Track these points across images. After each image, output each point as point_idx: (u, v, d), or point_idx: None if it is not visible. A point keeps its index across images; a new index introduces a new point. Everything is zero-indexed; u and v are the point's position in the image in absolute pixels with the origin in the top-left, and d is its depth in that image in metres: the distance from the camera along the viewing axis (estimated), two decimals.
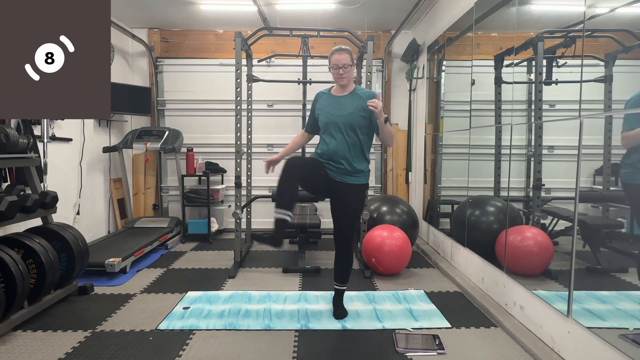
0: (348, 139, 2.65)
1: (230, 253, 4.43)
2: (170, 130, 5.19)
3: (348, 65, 2.65)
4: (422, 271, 3.89)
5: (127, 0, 4.54)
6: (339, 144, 2.66)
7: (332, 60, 2.68)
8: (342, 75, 2.66)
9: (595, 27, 2.05)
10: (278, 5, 4.61)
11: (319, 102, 2.81)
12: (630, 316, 1.90)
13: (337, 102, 2.72)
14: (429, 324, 2.73)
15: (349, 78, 2.70)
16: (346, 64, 2.64)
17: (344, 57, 2.64)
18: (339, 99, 2.74)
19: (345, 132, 2.65)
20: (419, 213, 4.92)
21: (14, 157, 2.89)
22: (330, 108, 2.72)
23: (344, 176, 2.68)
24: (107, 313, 2.87)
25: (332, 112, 2.70)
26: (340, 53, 2.65)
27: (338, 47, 2.69)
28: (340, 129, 2.66)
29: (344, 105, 2.70)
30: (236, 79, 3.81)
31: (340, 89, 2.75)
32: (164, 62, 5.61)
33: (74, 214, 4.21)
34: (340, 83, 2.71)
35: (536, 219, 2.59)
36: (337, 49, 2.69)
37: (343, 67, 2.64)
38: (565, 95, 2.29)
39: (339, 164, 2.67)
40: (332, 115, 2.69)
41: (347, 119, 2.65)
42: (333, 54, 2.68)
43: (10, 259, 2.46)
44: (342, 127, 2.66)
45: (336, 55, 2.66)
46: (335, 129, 2.67)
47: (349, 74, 2.68)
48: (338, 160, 2.67)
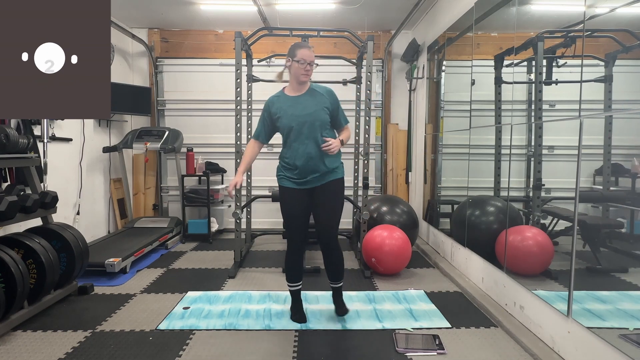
0: (317, 139, 2.57)
1: (230, 253, 4.43)
2: (170, 130, 5.19)
3: (313, 63, 2.59)
4: (422, 271, 3.89)
5: (127, 0, 4.54)
6: (309, 148, 2.56)
7: (299, 54, 2.57)
8: (308, 71, 2.58)
9: (595, 27, 2.05)
10: (278, 5, 4.61)
11: (274, 106, 2.66)
12: (630, 316, 1.90)
13: (297, 103, 2.63)
14: (429, 324, 2.73)
15: (309, 76, 2.62)
16: (312, 61, 2.58)
17: (312, 54, 2.58)
18: (297, 99, 2.64)
19: (312, 132, 2.57)
20: (419, 213, 4.92)
21: (14, 157, 2.89)
22: (291, 110, 2.60)
23: (323, 177, 2.63)
24: (107, 313, 2.87)
25: (295, 114, 2.59)
26: (309, 49, 2.58)
27: (305, 43, 2.63)
28: (307, 130, 2.57)
29: (305, 104, 2.61)
30: (236, 79, 3.81)
31: (297, 88, 2.66)
32: (164, 62, 5.62)
33: (74, 214, 4.21)
34: (302, 79, 2.60)
35: (536, 219, 2.59)
36: (304, 44, 2.62)
37: (310, 63, 2.57)
38: (565, 95, 2.29)
39: (315, 171, 2.60)
40: (295, 117, 2.58)
41: (312, 117, 2.57)
42: (301, 48, 2.58)
43: (10, 259, 2.46)
44: (309, 127, 2.57)
45: (306, 51, 2.57)
46: (302, 132, 2.57)
47: (311, 72, 2.62)
48: (315, 166, 2.59)
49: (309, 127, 2.57)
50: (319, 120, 2.59)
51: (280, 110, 2.62)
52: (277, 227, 5.29)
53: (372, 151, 5.64)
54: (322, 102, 2.62)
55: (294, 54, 2.58)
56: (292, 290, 2.82)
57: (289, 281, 2.80)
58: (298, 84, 2.64)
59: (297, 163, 2.59)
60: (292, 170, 2.63)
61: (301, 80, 2.61)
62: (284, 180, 2.68)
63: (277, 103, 2.67)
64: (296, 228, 2.71)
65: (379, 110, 5.72)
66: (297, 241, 2.75)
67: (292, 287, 2.81)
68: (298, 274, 2.79)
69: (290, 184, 2.65)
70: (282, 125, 2.62)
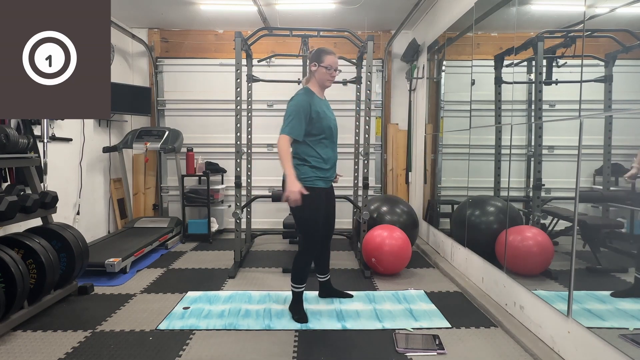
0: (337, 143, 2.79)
1: (230, 253, 4.43)
2: (170, 130, 5.19)
3: (338, 69, 2.70)
4: (422, 271, 3.89)
5: (127, 0, 4.54)
6: (336, 150, 2.77)
7: (328, 59, 2.63)
8: (334, 77, 2.66)
9: (595, 27, 2.05)
10: (278, 5, 4.61)
11: (315, 105, 2.61)
12: (630, 316, 1.90)
13: (328, 107, 2.76)
14: (429, 324, 2.73)
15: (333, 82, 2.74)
16: (337, 67, 2.67)
17: (337, 60, 2.67)
18: (326, 103, 2.77)
19: (337, 136, 2.79)
20: (419, 213, 4.92)
21: (14, 157, 2.89)
22: (328, 112, 2.73)
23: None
24: (107, 313, 2.87)
25: (331, 117, 2.72)
26: (335, 56, 2.67)
27: (330, 49, 2.68)
28: (336, 133, 2.77)
29: (330, 109, 2.79)
30: (236, 79, 3.81)
31: (321, 92, 2.73)
32: (164, 62, 5.62)
33: (74, 214, 4.21)
34: (327, 85, 2.70)
35: (536, 219, 2.59)
36: (330, 50, 2.66)
37: (336, 69, 2.66)
38: (565, 95, 2.29)
39: (334, 171, 2.79)
40: (332, 120, 2.72)
41: (336, 122, 2.79)
42: (329, 54, 2.64)
43: (10, 259, 2.46)
44: (337, 131, 2.78)
45: (333, 57, 2.64)
46: (335, 134, 2.75)
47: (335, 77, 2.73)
48: (334, 167, 2.79)
49: (337, 131, 2.78)
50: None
51: (320, 110, 2.65)
52: (277, 227, 5.29)
53: (372, 151, 5.64)
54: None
55: (322, 60, 2.62)
56: (300, 291, 2.83)
57: (299, 283, 2.81)
58: (321, 89, 2.72)
59: (330, 164, 2.72)
60: (325, 170, 2.70)
61: (326, 86, 2.70)
62: (318, 181, 2.66)
63: (316, 102, 2.65)
64: (322, 230, 2.77)
65: (379, 110, 5.72)
66: (319, 244, 2.81)
67: (300, 288, 2.83)
68: (307, 277, 2.85)
69: (324, 184, 2.71)
70: (324, 126, 2.64)
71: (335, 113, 2.91)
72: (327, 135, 2.67)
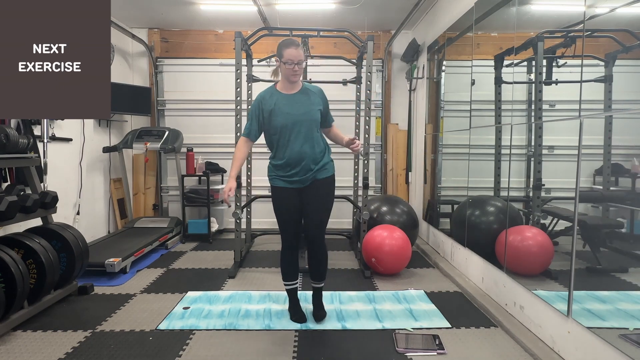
0: (312, 138, 2.56)
1: (230, 253, 4.43)
2: (170, 130, 5.19)
3: (302, 62, 2.51)
4: (422, 271, 3.89)
5: (127, 0, 4.54)
6: (304, 148, 2.54)
7: (286, 54, 2.48)
8: (297, 72, 2.51)
9: (595, 27, 2.05)
10: (278, 5, 4.61)
11: (267, 103, 2.57)
12: (630, 316, 1.90)
13: (293, 101, 2.57)
14: (429, 324, 2.73)
15: (300, 75, 2.56)
16: (301, 60, 2.50)
17: (300, 52, 2.48)
18: (293, 97, 2.59)
19: (307, 132, 2.55)
20: (419, 213, 4.92)
21: (14, 157, 2.89)
22: (287, 108, 2.54)
23: (315, 175, 2.61)
24: (107, 313, 2.87)
25: (291, 112, 2.53)
26: (297, 48, 2.48)
27: (292, 40, 2.52)
28: (304, 129, 2.54)
29: (301, 103, 2.57)
30: (236, 79, 3.81)
31: (290, 86, 2.59)
32: (164, 62, 5.61)
33: (74, 214, 4.21)
34: (292, 80, 2.54)
35: (536, 219, 2.59)
36: (291, 42, 2.50)
37: (298, 63, 2.49)
38: (565, 95, 2.29)
39: (308, 170, 2.58)
40: (292, 115, 2.53)
41: (309, 116, 2.55)
42: (288, 47, 2.48)
43: (10, 259, 2.46)
44: (306, 126, 2.55)
45: (293, 50, 2.47)
46: (299, 131, 2.54)
47: (302, 70, 2.56)
48: (308, 167, 2.57)
49: (306, 126, 2.55)
50: (314, 119, 2.58)
51: (274, 108, 2.55)
52: (277, 227, 5.26)
53: (372, 151, 5.64)
54: (317, 102, 2.61)
55: (281, 54, 2.50)
56: (289, 288, 2.81)
57: (284, 279, 2.80)
58: (290, 83, 2.59)
59: (292, 162, 2.56)
60: (284, 169, 2.59)
61: (292, 80, 2.56)
62: (277, 180, 2.65)
63: (269, 99, 2.59)
64: (290, 227, 2.70)
65: (379, 110, 5.71)
66: (291, 240, 2.73)
67: (288, 285, 2.80)
68: (294, 271, 2.79)
69: (283, 183, 2.63)
70: (276, 123, 2.55)
71: (335, 113, 2.86)
72: (280, 134, 2.55)
